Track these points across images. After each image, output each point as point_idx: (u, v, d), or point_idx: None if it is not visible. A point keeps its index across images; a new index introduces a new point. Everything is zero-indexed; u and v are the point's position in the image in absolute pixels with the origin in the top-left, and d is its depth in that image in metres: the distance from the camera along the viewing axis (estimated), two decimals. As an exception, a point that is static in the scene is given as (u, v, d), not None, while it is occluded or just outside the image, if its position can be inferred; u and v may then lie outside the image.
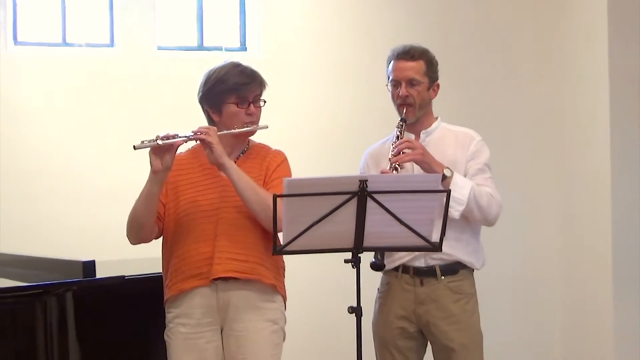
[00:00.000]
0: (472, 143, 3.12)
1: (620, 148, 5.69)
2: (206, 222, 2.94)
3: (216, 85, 2.97)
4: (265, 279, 2.95)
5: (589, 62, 5.92)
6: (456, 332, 3.04)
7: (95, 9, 5.85)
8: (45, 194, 5.47)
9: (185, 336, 2.99)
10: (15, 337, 2.76)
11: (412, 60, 3.09)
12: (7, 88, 5.49)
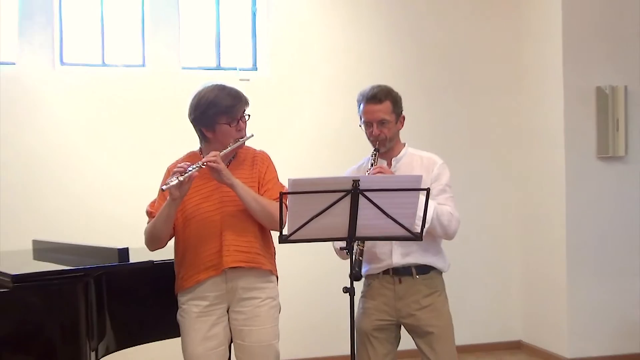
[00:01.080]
0: (435, 167, 3.12)
1: (572, 150, 5.69)
2: (211, 221, 2.96)
3: (208, 109, 2.94)
4: (264, 266, 2.99)
5: (545, 84, 5.92)
6: (433, 319, 3.05)
7: (129, 34, 5.82)
8: (86, 191, 5.48)
9: (198, 314, 3.01)
10: (61, 311, 2.73)
11: (379, 104, 3.07)
12: (55, 102, 5.53)
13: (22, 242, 4.32)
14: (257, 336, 2.99)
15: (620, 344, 5.70)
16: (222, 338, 3.03)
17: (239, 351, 3.03)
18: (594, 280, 5.66)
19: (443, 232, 3.01)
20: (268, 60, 5.92)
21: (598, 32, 5.73)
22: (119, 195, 5.36)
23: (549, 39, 5.86)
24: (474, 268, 6.03)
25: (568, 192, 5.64)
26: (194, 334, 3.01)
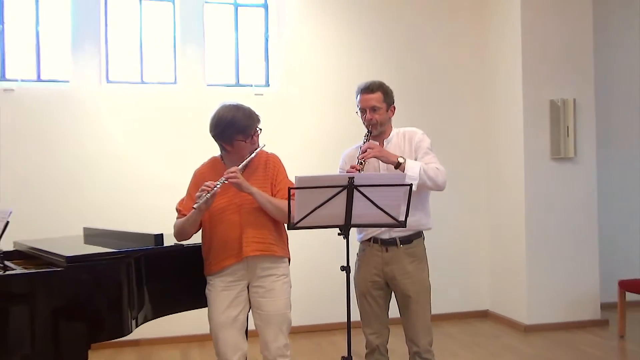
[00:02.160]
0: (416, 136, 3.16)
1: (530, 152, 5.72)
2: (232, 216, 2.99)
3: (227, 128, 2.97)
4: (277, 253, 3.03)
5: (507, 98, 5.91)
6: (411, 284, 3.07)
7: (163, 56, 5.82)
8: (127, 186, 5.49)
9: (222, 288, 3.04)
10: (107, 286, 2.73)
11: (372, 93, 3.12)
12: (102, 114, 5.54)
13: (78, 230, 4.34)
14: (273, 306, 3.02)
15: (569, 312, 5.73)
16: (241, 309, 3.05)
17: (258, 319, 3.05)
18: (548, 260, 5.69)
19: (434, 184, 3.03)
20: (279, 78, 5.91)
21: (551, 54, 5.75)
22: (154, 189, 5.36)
23: (510, 61, 5.86)
24: (449, 249, 6.03)
25: (527, 187, 5.68)
26: (219, 304, 3.04)
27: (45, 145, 5.36)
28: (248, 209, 2.97)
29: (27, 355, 2.47)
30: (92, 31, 5.53)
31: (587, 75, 5.83)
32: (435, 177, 3.00)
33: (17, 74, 5.53)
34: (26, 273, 2.60)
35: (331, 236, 3.01)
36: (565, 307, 5.74)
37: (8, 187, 5.25)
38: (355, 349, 2.85)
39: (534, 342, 5.27)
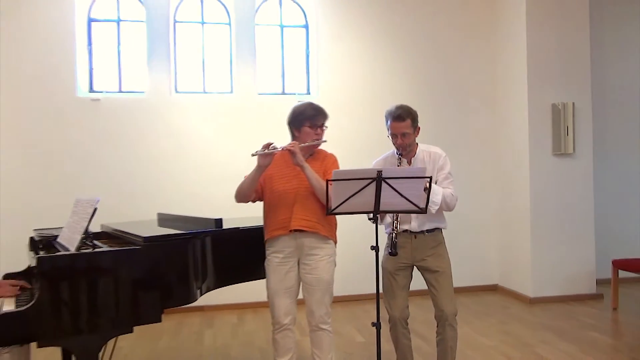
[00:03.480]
0: (440, 159, 3.12)
1: (535, 149, 5.62)
2: (288, 196, 3.01)
3: (299, 116, 3.06)
4: (321, 231, 3.01)
5: (514, 102, 5.81)
6: (437, 262, 3.09)
7: (222, 70, 5.86)
8: (193, 179, 5.56)
9: (276, 264, 3.06)
10: (176, 261, 2.75)
11: (402, 122, 3.04)
12: (172, 120, 5.60)
13: (152, 215, 4.42)
14: (317, 281, 3.03)
15: (568, 287, 5.64)
16: (293, 281, 3.08)
17: (305, 291, 3.07)
18: (550, 242, 5.61)
19: (447, 208, 3.07)
20: (318, 87, 5.91)
21: (553, 64, 5.65)
22: (215, 180, 5.41)
23: (517, 69, 5.77)
24: (464, 232, 5.97)
25: (531, 178, 5.61)
26: (274, 276, 3.07)
27: (125, 144, 5.47)
28: (302, 194, 2.99)
29: (113, 318, 2.51)
30: (163, 50, 5.61)
31: (584, 82, 5.72)
32: (450, 203, 3.04)
33: (102, 87, 5.65)
34: (111, 250, 2.62)
35: (362, 220, 3.01)
36: (565, 283, 5.64)
37: (95, 179, 5.38)
38: (383, 316, 2.85)
39: (537, 313, 5.18)
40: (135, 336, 4.59)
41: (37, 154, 5.31)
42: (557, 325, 4.71)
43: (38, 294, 2.42)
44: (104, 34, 5.67)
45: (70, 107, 5.38)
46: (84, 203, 3.01)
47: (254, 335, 4.65)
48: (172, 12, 5.73)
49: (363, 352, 4.06)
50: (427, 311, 3.15)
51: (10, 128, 5.28)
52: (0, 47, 5.25)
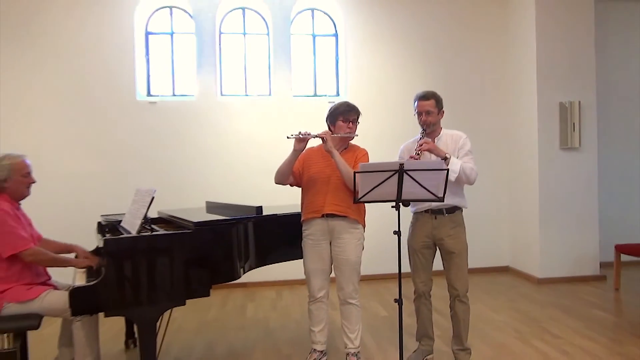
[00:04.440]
0: (461, 139, 3.06)
1: (543, 143, 5.48)
2: (322, 183, 3.04)
3: (334, 112, 3.09)
4: (351, 215, 3.02)
5: (524, 100, 5.66)
6: (454, 243, 3.03)
7: (261, 75, 5.87)
8: (237, 171, 5.59)
9: (312, 245, 3.09)
10: (222, 243, 2.78)
11: (427, 100, 3.03)
12: (218, 119, 5.62)
13: (201, 203, 4.48)
14: (346, 261, 3.04)
15: (574, 269, 5.51)
16: (326, 261, 3.10)
17: (336, 269, 3.09)
18: (557, 228, 5.48)
19: (467, 180, 2.97)
20: (346, 89, 5.87)
21: (560, 66, 5.49)
22: (256, 173, 5.44)
23: (527, 70, 5.62)
24: (477, 218, 5.87)
25: (540, 170, 5.48)
26: (310, 256, 3.10)
27: (177, 141, 5.54)
28: (335, 182, 3.00)
29: (168, 292, 2.55)
30: (210, 58, 5.65)
31: (590, 82, 5.54)
32: (469, 175, 2.95)
33: (158, 91, 5.72)
34: (167, 233, 2.66)
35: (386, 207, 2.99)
36: (571, 265, 5.51)
37: (152, 172, 5.47)
38: (404, 293, 2.83)
39: (545, 292, 5.07)
40: (188, 308, 4.68)
41: (103, 150, 5.42)
42: (563, 303, 4.60)
43: (105, 271, 2.48)
44: (159, 45, 5.74)
45: (131, 110, 5.47)
46: (143, 193, 3.07)
47: (290, 309, 4.68)
48: (218, 24, 5.76)
49: (386, 325, 4.05)
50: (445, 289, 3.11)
51: (80, 128, 5.40)
52: (71, 58, 5.38)
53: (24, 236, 2.69)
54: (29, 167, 2.88)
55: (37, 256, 2.69)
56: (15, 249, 2.63)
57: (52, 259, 2.75)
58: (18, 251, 2.64)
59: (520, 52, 5.76)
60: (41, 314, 2.69)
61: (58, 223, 5.09)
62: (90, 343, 2.84)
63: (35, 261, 2.70)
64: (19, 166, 2.82)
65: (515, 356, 3.30)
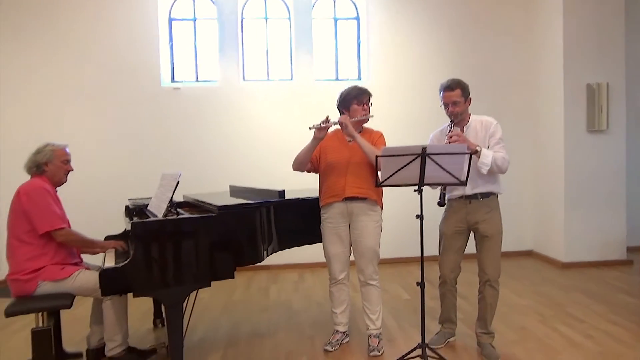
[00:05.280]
0: (491, 126, 2.97)
1: (570, 126, 5.36)
2: (341, 167, 3.03)
3: (346, 96, 3.06)
4: (371, 197, 3.02)
5: (551, 82, 5.52)
6: (488, 228, 2.96)
7: (283, 59, 5.86)
8: (258, 156, 5.62)
9: (331, 227, 3.10)
10: (246, 227, 2.79)
11: (452, 91, 2.94)
12: (241, 104, 5.65)
13: (225, 187, 4.52)
14: (366, 243, 3.04)
15: (600, 253, 5.41)
16: (345, 243, 3.11)
17: (355, 252, 3.10)
18: (583, 212, 5.37)
19: (499, 170, 2.90)
20: (368, 73, 5.82)
21: (588, 46, 5.32)
22: (278, 156, 5.44)
23: (553, 51, 5.47)
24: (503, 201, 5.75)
25: (566, 153, 5.36)
26: (329, 239, 3.11)
27: (201, 126, 5.60)
28: (354, 164, 3.01)
29: (194, 273, 2.60)
30: (232, 44, 5.66)
31: (619, 64, 5.36)
32: (501, 165, 2.88)
33: (182, 77, 5.77)
34: (192, 217, 2.70)
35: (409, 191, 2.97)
36: (596, 249, 5.41)
37: (177, 156, 5.54)
38: (426, 276, 2.82)
39: (569, 276, 5.00)
40: (213, 290, 4.75)
41: (129, 136, 5.51)
42: (588, 288, 4.53)
43: (133, 253, 2.53)
44: (183, 31, 5.77)
45: (156, 96, 5.54)
46: (169, 177, 3.12)
47: (312, 291, 4.72)
48: (240, 10, 5.75)
49: (408, 308, 4.05)
50: (468, 273, 3.09)
51: (107, 115, 5.50)
52: (97, 46, 5.45)
53: (60, 216, 2.81)
54: (69, 155, 3.05)
55: (68, 237, 2.81)
56: (52, 226, 2.75)
57: (81, 240, 2.89)
58: (53, 229, 2.75)
59: (547, 32, 5.60)
60: (73, 294, 2.78)
61: (87, 208, 5.22)
62: (120, 322, 2.93)
63: (65, 241, 2.81)
64: (60, 153, 2.98)
65: (538, 340, 3.27)
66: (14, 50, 5.37)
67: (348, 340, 3.29)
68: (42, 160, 2.91)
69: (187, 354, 3.18)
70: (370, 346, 3.10)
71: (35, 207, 2.74)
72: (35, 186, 2.80)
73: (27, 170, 2.95)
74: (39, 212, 2.74)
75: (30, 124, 5.38)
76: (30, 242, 2.76)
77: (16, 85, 5.38)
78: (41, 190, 2.78)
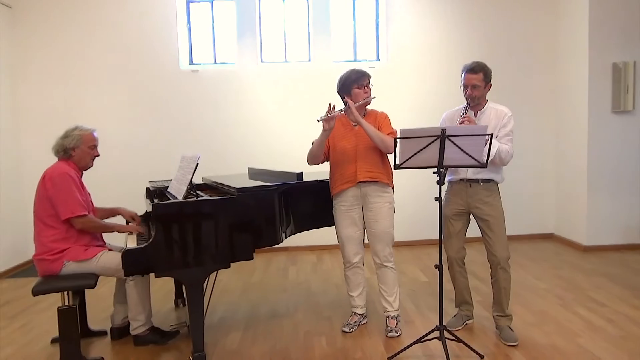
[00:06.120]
0: (504, 117, 2.94)
1: (594, 107, 5.22)
2: (349, 153, 3.03)
3: (346, 81, 3.04)
4: (383, 180, 3.03)
5: (575, 61, 5.37)
6: (490, 211, 2.96)
7: (300, 40, 5.82)
8: (274, 139, 5.63)
9: (344, 211, 3.11)
10: (265, 209, 2.80)
11: (475, 74, 2.92)
12: (258, 85, 5.64)
13: (243, 169, 4.55)
14: (380, 226, 3.05)
15: (622, 236, 5.31)
16: (359, 226, 3.12)
17: (370, 235, 3.11)
18: (606, 194, 5.26)
19: (500, 161, 2.90)
20: (386, 54, 5.75)
21: (614, 22, 5.15)
22: (295, 139, 5.45)
23: (578, 28, 5.32)
24: (522, 183, 5.77)
25: (590, 134, 5.23)
26: (342, 222, 3.12)
27: (220, 108, 5.62)
28: (362, 149, 3.00)
29: (213, 254, 2.64)
30: (250, 26, 5.63)
31: (647, 41, 5.19)
32: (504, 158, 2.89)
33: (200, 59, 5.78)
34: (211, 199, 2.73)
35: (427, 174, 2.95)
36: (619, 232, 5.31)
37: (196, 139, 5.58)
38: (445, 259, 2.82)
39: (591, 260, 4.93)
40: (232, 271, 4.85)
41: (149, 119, 5.57)
42: (610, 271, 4.47)
43: (154, 234, 2.58)
44: (200, 13, 5.76)
45: (175, 78, 5.56)
46: (188, 159, 3.16)
47: (331, 273, 4.76)
48: (257, -10, 5.72)
49: (426, 290, 4.06)
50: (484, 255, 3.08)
51: (127, 98, 5.55)
52: (116, 30, 5.48)
53: (81, 203, 2.86)
54: (96, 140, 3.06)
55: (85, 224, 2.86)
56: (73, 213, 2.80)
57: (100, 227, 2.93)
58: (74, 215, 2.80)
59: (572, 9, 5.44)
60: (97, 274, 2.86)
61: (109, 190, 5.31)
62: (143, 301, 3.01)
63: (84, 228, 2.86)
64: (87, 138, 3.00)
65: (557, 323, 3.26)
66: (38, 34, 5.44)
67: (366, 322, 3.32)
68: (70, 145, 2.94)
69: (208, 333, 3.25)
70: (388, 327, 3.12)
71: (58, 194, 2.79)
72: (60, 172, 2.84)
73: (55, 154, 2.98)
74: (62, 198, 2.79)
75: (52, 106, 5.47)
76: (54, 226, 2.82)
77: (39, 68, 5.47)
78: (65, 177, 2.83)
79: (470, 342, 2.89)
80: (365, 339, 3.07)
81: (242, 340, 3.16)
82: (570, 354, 2.78)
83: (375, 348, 2.94)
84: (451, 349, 2.80)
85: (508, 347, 2.90)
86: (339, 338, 3.11)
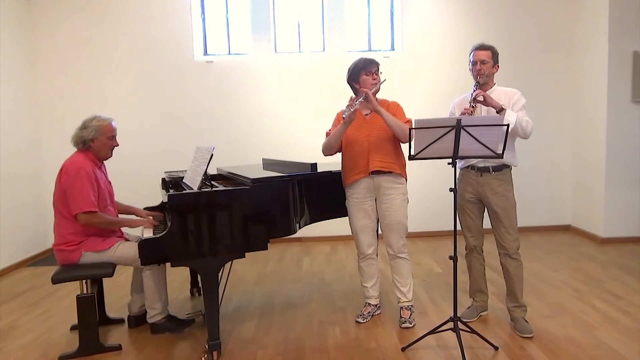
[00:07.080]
0: (514, 96, 2.93)
1: (613, 96, 5.12)
2: (362, 143, 3.01)
3: (354, 69, 3.03)
4: (396, 170, 3.02)
5: (594, 49, 5.26)
6: (500, 201, 2.93)
7: (315, 31, 5.79)
8: (287, 129, 5.63)
9: (357, 203, 3.10)
10: (279, 199, 2.81)
11: (483, 50, 2.95)
12: (272, 76, 5.65)
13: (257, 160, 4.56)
14: (394, 217, 3.04)
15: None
16: (372, 217, 3.11)
17: (383, 226, 3.10)
18: (623, 185, 5.18)
19: (523, 133, 2.85)
20: (401, 44, 5.70)
21: (636, 10, 5.02)
22: (309, 129, 5.46)
23: (598, 15, 5.20)
24: (539, 174, 5.71)
25: (608, 124, 5.13)
26: (356, 214, 3.11)
27: (234, 99, 5.63)
28: (374, 139, 2.98)
29: (228, 244, 2.66)
30: (264, 17, 5.62)
31: (670, 28, 5.05)
32: (525, 127, 2.84)
33: (214, 50, 5.79)
34: (226, 190, 2.74)
35: (442, 164, 2.93)
36: (636, 224, 5.22)
37: (210, 129, 5.61)
38: (459, 250, 2.81)
39: (608, 251, 4.87)
40: (247, 261, 4.89)
41: (163, 110, 5.61)
42: (627, 264, 4.41)
43: (170, 224, 2.61)
44: (215, 4, 5.76)
45: (189, 69, 5.59)
46: (203, 150, 3.18)
47: (345, 263, 4.77)
48: (271, -20, 5.70)
49: (440, 281, 4.06)
50: (500, 247, 3.07)
51: (142, 89, 5.59)
52: (131, 21, 5.51)
53: (91, 200, 2.84)
54: (115, 130, 3.06)
55: (89, 220, 2.84)
56: (81, 209, 2.81)
57: (106, 222, 2.93)
58: (81, 212, 2.81)
59: None
60: (114, 263, 2.91)
61: (125, 181, 5.37)
62: (159, 290, 3.05)
63: (88, 224, 2.86)
64: (106, 129, 3.00)
65: (572, 315, 3.23)
66: (52, 25, 5.49)
67: (380, 313, 3.33)
68: (89, 136, 2.94)
69: (223, 322, 3.29)
70: (402, 318, 3.13)
71: (71, 188, 2.81)
72: (76, 166, 2.85)
73: (74, 145, 2.99)
74: (74, 194, 2.80)
75: (67, 97, 5.53)
76: (70, 219, 2.86)
77: (53, 58, 5.53)
78: (80, 172, 2.82)
79: (485, 334, 2.88)
80: (378, 330, 3.08)
81: (256, 329, 3.19)
82: (585, 346, 2.76)
83: (388, 338, 2.94)
84: (465, 340, 2.80)
85: (523, 338, 2.88)
86: (352, 328, 3.13)
